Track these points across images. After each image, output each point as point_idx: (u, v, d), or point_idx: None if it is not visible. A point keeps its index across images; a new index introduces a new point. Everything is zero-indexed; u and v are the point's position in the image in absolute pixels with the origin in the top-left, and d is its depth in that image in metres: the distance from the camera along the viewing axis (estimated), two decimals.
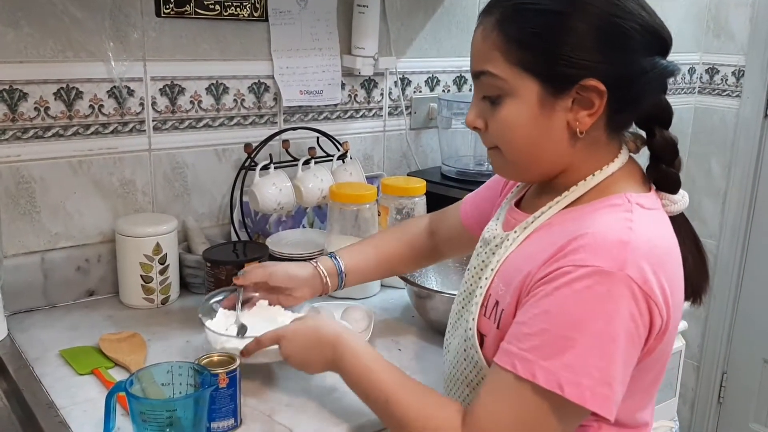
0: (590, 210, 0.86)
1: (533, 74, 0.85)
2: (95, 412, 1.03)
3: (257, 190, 1.49)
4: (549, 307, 0.79)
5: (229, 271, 1.29)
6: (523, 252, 0.90)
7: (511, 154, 0.90)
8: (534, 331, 0.80)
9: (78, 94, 1.38)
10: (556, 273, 0.80)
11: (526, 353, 0.79)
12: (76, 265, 1.42)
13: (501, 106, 0.87)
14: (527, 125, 0.87)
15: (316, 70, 1.66)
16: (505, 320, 0.87)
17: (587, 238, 0.80)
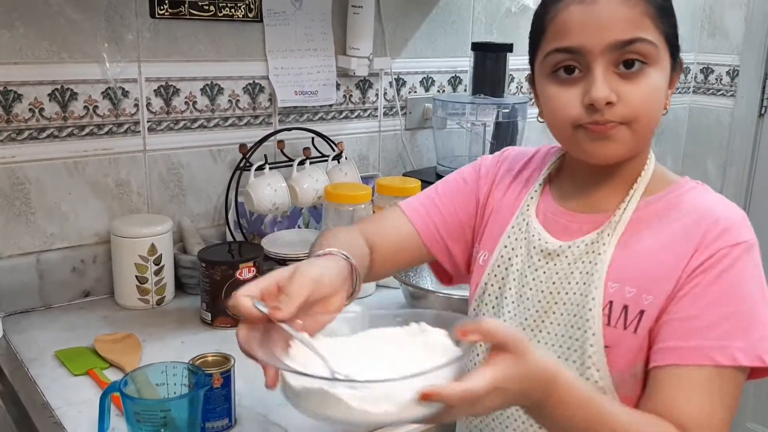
0: (677, 195, 0.88)
1: (669, 45, 0.85)
2: (90, 413, 1.03)
3: (252, 191, 1.49)
4: (724, 289, 0.81)
5: (224, 272, 1.30)
6: (634, 250, 0.86)
7: (645, 128, 0.85)
8: (716, 318, 0.80)
9: (73, 95, 1.38)
10: (715, 258, 0.81)
11: (720, 341, 0.79)
12: (71, 266, 1.42)
13: (644, 75, 0.83)
14: (663, 96, 0.86)
15: (311, 70, 1.67)
16: (648, 323, 0.84)
17: (725, 220, 0.84)
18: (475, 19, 1.97)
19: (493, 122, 1.81)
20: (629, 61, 0.82)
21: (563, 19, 0.84)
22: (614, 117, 0.83)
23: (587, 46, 0.82)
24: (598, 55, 0.82)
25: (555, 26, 0.85)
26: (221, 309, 1.31)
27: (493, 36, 2.02)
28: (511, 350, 0.68)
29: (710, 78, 2.61)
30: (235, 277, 1.30)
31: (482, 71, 1.81)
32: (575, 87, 0.84)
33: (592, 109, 0.83)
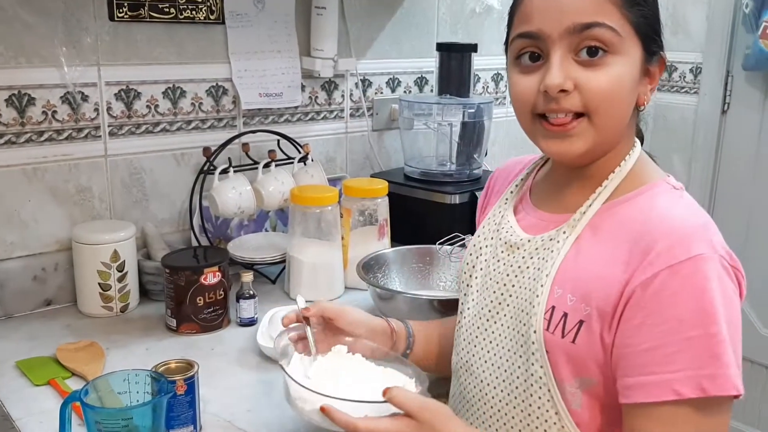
0: (641, 200, 0.83)
1: (640, 35, 0.81)
2: (51, 423, 1.01)
3: (217, 195, 1.47)
4: (677, 313, 0.74)
5: (188, 277, 1.28)
6: (585, 256, 0.82)
7: (606, 121, 0.81)
8: (678, 346, 0.73)
9: (30, 100, 1.36)
10: (656, 279, 0.75)
11: (684, 371, 0.73)
12: (32, 275, 1.40)
13: (606, 64, 0.80)
14: (630, 89, 0.82)
15: (275, 72, 1.65)
16: (585, 337, 0.80)
17: (672, 231, 0.76)
18: (439, 19, 1.98)
19: (460, 122, 1.81)
20: (592, 48, 0.79)
21: (526, 4, 0.83)
22: (570, 106, 0.80)
23: (546, 30, 0.80)
24: (557, 40, 0.80)
25: (520, 12, 0.84)
26: (186, 315, 1.29)
27: (458, 36, 2.02)
28: (415, 418, 0.80)
29: (674, 76, 2.64)
30: (200, 282, 1.28)
31: (448, 71, 1.81)
32: (536, 74, 0.82)
33: (548, 97, 0.81)
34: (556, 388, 0.83)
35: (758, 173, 2.43)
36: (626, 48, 0.80)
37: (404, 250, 1.51)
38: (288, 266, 1.50)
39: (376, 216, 1.57)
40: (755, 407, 2.55)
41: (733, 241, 0.91)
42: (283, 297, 1.50)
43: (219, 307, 1.32)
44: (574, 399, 0.82)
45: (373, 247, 1.54)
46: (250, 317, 1.35)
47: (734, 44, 2.43)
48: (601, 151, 0.86)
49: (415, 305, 1.28)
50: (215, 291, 1.31)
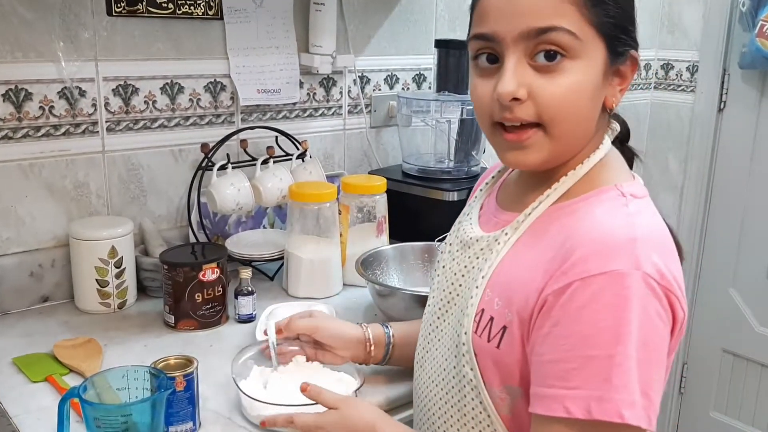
0: (583, 205, 0.78)
1: (604, 37, 0.77)
2: (49, 420, 1.00)
3: (215, 191, 1.47)
4: (581, 330, 0.70)
5: (186, 273, 1.27)
6: (518, 260, 0.80)
7: (563, 130, 0.78)
8: (577, 363, 0.70)
9: (27, 95, 1.35)
10: (568, 290, 0.71)
11: (578, 390, 0.70)
12: (29, 271, 1.39)
13: (564, 69, 0.75)
14: (591, 94, 0.77)
15: (273, 68, 1.65)
16: (509, 343, 0.78)
17: (591, 243, 0.72)
18: (438, 16, 1.97)
19: (458, 119, 1.81)
20: (549, 53, 0.75)
21: (483, 3, 0.78)
22: (524, 116, 0.77)
23: (500, 33, 0.76)
24: (511, 44, 0.76)
25: (477, 10, 0.80)
26: (184, 311, 1.29)
27: (456, 33, 2.02)
28: (335, 406, 0.93)
29: (670, 74, 2.65)
30: (198, 279, 1.28)
31: (446, 68, 1.80)
32: (493, 79, 0.78)
33: (502, 105, 0.77)
34: (485, 392, 0.81)
35: (754, 171, 2.44)
36: (587, 51, 0.76)
37: (403, 247, 1.51)
38: (286, 263, 1.49)
39: (375, 213, 1.57)
40: (750, 405, 2.56)
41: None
42: (281, 294, 1.49)
43: (217, 304, 1.32)
44: (504, 405, 0.80)
45: (372, 243, 1.54)
46: (248, 314, 1.35)
47: (731, 42, 2.43)
48: (564, 158, 0.82)
49: (414, 302, 1.28)
50: (213, 287, 1.30)
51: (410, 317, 1.29)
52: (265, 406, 1.00)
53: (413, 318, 1.29)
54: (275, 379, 1.06)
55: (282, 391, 1.03)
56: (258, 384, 1.06)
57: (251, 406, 1.01)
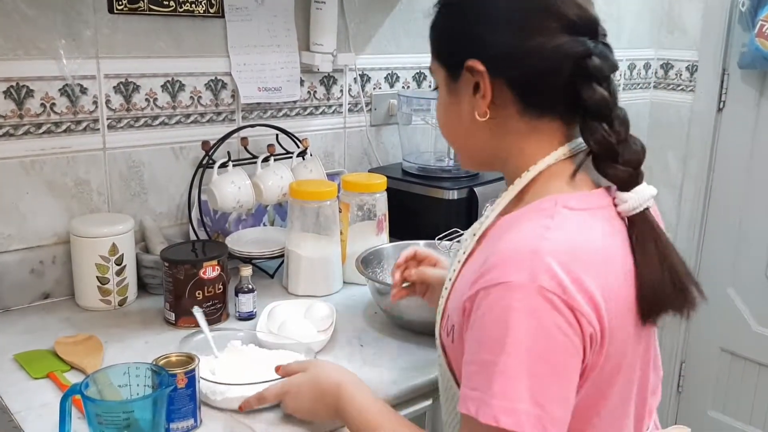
0: (520, 216, 0.81)
1: (440, 62, 0.90)
2: (51, 417, 1.00)
3: (216, 188, 1.47)
4: (476, 335, 0.75)
5: (187, 271, 1.28)
6: (468, 265, 0.86)
7: (449, 141, 0.96)
8: (477, 366, 0.75)
9: (29, 92, 1.35)
10: (476, 297, 0.76)
11: (476, 391, 0.74)
12: (29, 268, 1.39)
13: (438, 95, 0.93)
14: (444, 110, 0.92)
15: (274, 66, 1.65)
16: (457, 340, 0.83)
17: (499, 254, 0.76)
18: None
19: None
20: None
21: None
22: None
23: None
24: None
25: None
26: (185, 309, 1.29)
27: None
28: (303, 370, 1.03)
29: (670, 73, 2.65)
30: (199, 276, 1.28)
31: None
32: None
33: None
34: (454, 383, 0.88)
35: (752, 171, 2.44)
36: (438, 78, 0.91)
37: (403, 245, 1.51)
38: (286, 261, 1.50)
39: (375, 211, 1.57)
40: (748, 403, 2.57)
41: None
42: (281, 291, 1.50)
43: (218, 301, 1.32)
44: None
45: (372, 241, 1.54)
46: (248, 311, 1.35)
47: (730, 42, 2.43)
48: (480, 165, 0.95)
49: (414, 300, 1.28)
50: (214, 285, 1.31)
51: (410, 315, 1.30)
52: (227, 387, 1.05)
53: (413, 316, 1.29)
54: (220, 365, 1.11)
55: (231, 374, 1.09)
56: (207, 372, 1.09)
57: (213, 390, 1.05)
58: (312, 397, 1.00)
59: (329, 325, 1.29)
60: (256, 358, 1.14)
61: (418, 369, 1.19)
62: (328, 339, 1.25)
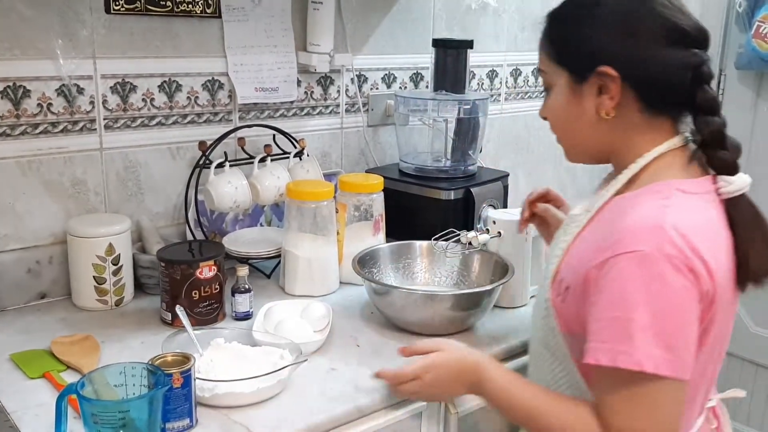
0: (635, 197, 0.95)
1: (563, 66, 1.01)
2: (47, 417, 1.00)
3: (212, 189, 1.47)
4: (607, 297, 0.88)
5: (184, 271, 1.28)
6: (585, 238, 0.99)
7: (561, 138, 1.07)
8: (606, 322, 0.88)
9: (26, 92, 1.35)
10: (605, 265, 0.88)
11: (606, 344, 0.87)
12: (26, 268, 1.39)
13: (549, 96, 1.05)
14: (564, 110, 1.02)
15: (271, 67, 1.65)
16: (570, 301, 0.96)
17: (626, 227, 0.89)
18: (435, 15, 1.98)
19: (455, 118, 1.81)
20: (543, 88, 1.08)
21: None
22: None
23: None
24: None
25: None
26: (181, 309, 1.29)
27: (453, 32, 2.03)
28: (439, 349, 1.08)
29: None
30: (195, 276, 1.28)
31: (443, 68, 1.81)
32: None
33: None
34: (562, 339, 1.00)
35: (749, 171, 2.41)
36: (555, 79, 1.03)
37: (399, 246, 1.52)
38: (283, 261, 1.50)
39: (372, 211, 1.57)
40: (745, 404, 2.57)
41: None
42: (278, 292, 1.50)
43: (214, 301, 1.32)
44: (573, 349, 0.98)
45: (369, 242, 1.54)
46: (245, 311, 1.35)
47: (727, 43, 2.44)
48: (593, 157, 1.06)
49: (411, 300, 1.29)
50: (211, 285, 1.31)
51: (407, 315, 1.30)
52: (215, 384, 1.05)
53: (409, 316, 1.30)
54: (205, 364, 1.12)
55: (216, 372, 1.10)
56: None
57: (201, 388, 1.05)
58: (451, 373, 1.06)
59: (326, 325, 1.29)
60: (240, 355, 1.15)
61: None
62: (324, 339, 1.25)
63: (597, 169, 1.12)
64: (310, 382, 1.14)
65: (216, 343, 1.17)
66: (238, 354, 1.16)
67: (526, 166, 2.37)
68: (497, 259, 1.42)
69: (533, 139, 2.36)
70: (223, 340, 1.18)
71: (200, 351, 1.15)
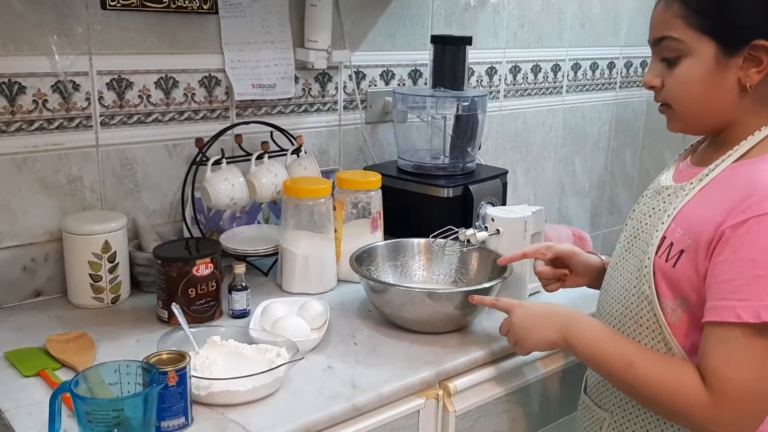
0: (761, 163, 0.97)
1: (711, 36, 0.99)
2: (41, 415, 1.00)
3: (209, 186, 1.46)
4: (754, 255, 0.90)
5: (180, 268, 1.27)
6: (701, 201, 1.00)
7: (685, 108, 1.04)
8: (747, 280, 0.90)
9: (21, 88, 1.34)
10: (747, 223, 0.91)
11: (747, 301, 0.90)
12: (21, 265, 1.38)
13: (679, 65, 1.02)
14: (702, 81, 1.01)
15: (268, 63, 1.64)
16: (684, 263, 0.98)
17: (762, 189, 0.92)
18: (434, 12, 1.97)
19: (454, 115, 1.80)
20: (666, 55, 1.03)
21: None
22: (659, 98, 1.07)
23: (649, 40, 1.07)
24: (652, 48, 1.06)
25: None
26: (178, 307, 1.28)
27: (452, 29, 2.02)
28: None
29: None
30: (192, 274, 1.27)
31: (442, 64, 1.80)
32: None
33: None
34: (657, 304, 1.02)
35: None
36: (694, 50, 1.00)
37: (397, 243, 1.51)
38: (280, 258, 1.49)
39: (370, 209, 1.56)
40: None
41: None
42: (275, 289, 1.49)
43: (211, 299, 1.32)
44: (675, 314, 1.01)
45: (366, 239, 1.53)
46: (242, 309, 1.35)
47: None
48: (708, 126, 1.06)
49: (408, 298, 1.28)
50: (207, 283, 1.30)
51: (405, 313, 1.29)
52: (210, 382, 1.04)
53: (407, 314, 1.29)
54: (201, 362, 1.11)
55: (212, 370, 1.10)
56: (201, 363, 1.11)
57: (196, 386, 1.04)
58: (541, 313, 1.13)
59: (323, 323, 1.29)
60: (236, 353, 1.15)
61: (412, 368, 1.18)
62: (321, 337, 1.24)
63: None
64: (307, 381, 1.13)
65: (212, 341, 1.17)
66: (235, 352, 1.15)
67: (525, 163, 2.36)
68: (496, 257, 1.41)
69: (532, 137, 2.36)
70: (220, 338, 1.18)
71: (196, 349, 1.15)
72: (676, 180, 1.10)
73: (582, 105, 2.51)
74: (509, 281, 1.35)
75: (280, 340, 1.16)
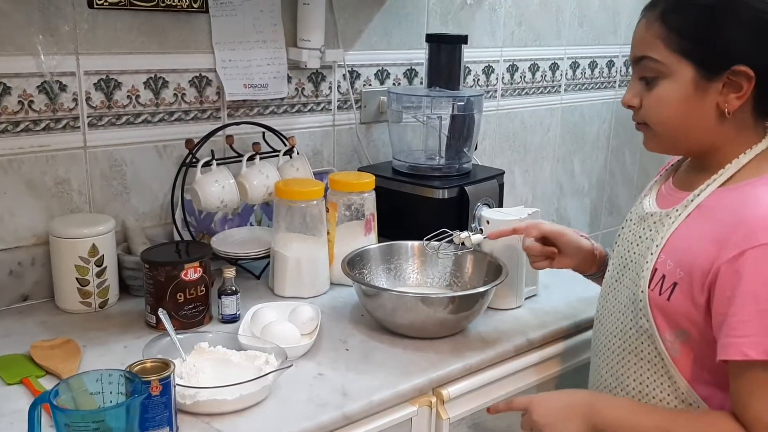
0: (748, 189, 0.96)
1: (690, 59, 0.97)
2: (22, 424, 0.96)
3: (199, 188, 1.44)
4: (753, 289, 0.89)
5: (168, 273, 1.24)
6: (689, 230, 1.00)
7: (661, 129, 1.03)
8: (750, 316, 0.88)
9: (6, 89, 1.31)
10: (743, 257, 0.90)
11: (752, 337, 0.88)
12: (8, 269, 1.36)
13: (657, 86, 1.00)
14: (679, 103, 0.99)
15: (260, 63, 1.62)
16: (678, 296, 0.97)
17: (759, 218, 0.91)
18: (429, 10, 1.94)
19: (449, 115, 1.78)
20: (645, 75, 1.02)
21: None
22: (637, 118, 1.06)
23: (630, 59, 1.07)
24: (632, 66, 1.05)
25: None
26: (166, 312, 1.25)
27: (448, 28, 1.99)
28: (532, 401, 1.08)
29: None
30: (180, 278, 1.25)
31: (437, 64, 1.77)
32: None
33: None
34: (658, 337, 1.01)
35: None
36: (673, 72, 0.98)
37: (391, 246, 1.48)
38: (272, 262, 1.47)
39: (363, 210, 1.54)
40: None
41: None
42: (267, 293, 1.47)
43: (200, 304, 1.29)
44: (673, 347, 1.00)
45: (360, 242, 1.51)
46: (231, 314, 1.32)
47: None
48: (688, 149, 1.06)
49: (401, 303, 1.25)
50: (196, 287, 1.27)
51: (398, 318, 1.26)
52: (197, 391, 1.01)
53: (400, 319, 1.26)
54: (188, 369, 1.08)
55: (199, 377, 1.07)
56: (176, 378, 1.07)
57: (182, 395, 1.01)
58: (560, 405, 1.06)
59: (314, 328, 1.26)
60: (224, 360, 1.12)
61: (405, 374, 1.16)
62: (311, 343, 1.22)
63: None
64: (297, 388, 1.11)
65: (200, 347, 1.14)
66: (222, 359, 1.13)
67: (523, 163, 2.33)
68: (491, 260, 1.38)
69: (530, 137, 2.33)
70: (208, 344, 1.15)
71: (183, 356, 1.12)
72: (660, 204, 1.08)
73: (581, 104, 2.48)
74: (504, 285, 1.32)
75: (269, 347, 1.14)
